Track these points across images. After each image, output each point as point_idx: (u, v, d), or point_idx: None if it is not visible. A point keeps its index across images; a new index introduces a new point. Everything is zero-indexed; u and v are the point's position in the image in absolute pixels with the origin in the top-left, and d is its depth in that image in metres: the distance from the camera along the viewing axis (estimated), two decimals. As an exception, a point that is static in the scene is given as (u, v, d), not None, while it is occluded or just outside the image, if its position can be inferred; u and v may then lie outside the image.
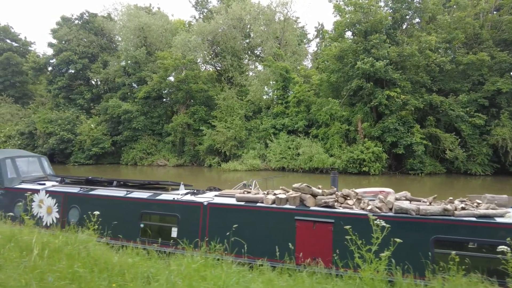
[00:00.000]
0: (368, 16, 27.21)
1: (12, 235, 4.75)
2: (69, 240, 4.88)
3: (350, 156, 26.96)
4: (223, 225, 6.27)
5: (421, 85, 27.76)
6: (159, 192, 7.27)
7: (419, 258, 5.09)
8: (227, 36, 36.58)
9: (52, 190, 8.03)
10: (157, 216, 6.91)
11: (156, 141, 37.13)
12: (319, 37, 48.70)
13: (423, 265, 4.99)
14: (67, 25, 40.87)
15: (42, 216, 7.98)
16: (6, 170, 8.85)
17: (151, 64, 37.92)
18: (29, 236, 4.83)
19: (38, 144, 37.46)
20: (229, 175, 29.71)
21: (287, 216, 5.91)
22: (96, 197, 7.51)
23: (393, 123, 26.13)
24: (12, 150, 10.63)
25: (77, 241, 4.73)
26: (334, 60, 29.03)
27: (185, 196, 6.96)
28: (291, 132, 31.37)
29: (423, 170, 27.00)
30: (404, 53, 26.11)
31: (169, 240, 6.53)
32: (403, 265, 4.92)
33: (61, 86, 40.52)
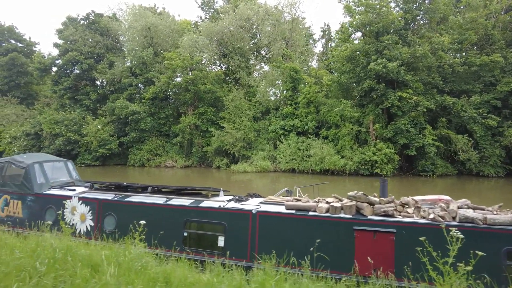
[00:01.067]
0: (380, 16, 27.00)
1: (68, 248, 4.49)
2: (125, 253, 4.63)
3: (361, 158, 26.76)
4: (273, 234, 6.04)
5: (433, 86, 27.58)
6: (201, 199, 7.03)
7: (490, 271, 4.86)
8: (234, 37, 36.36)
9: (85, 197, 7.78)
10: (202, 224, 6.67)
11: (163, 142, 36.88)
12: (325, 37, 48.54)
13: (495, 278, 4.76)
14: (73, 25, 40.57)
15: (75, 223, 7.73)
16: (35, 176, 8.61)
17: (158, 64, 37.66)
18: (85, 249, 4.58)
19: (44, 145, 37.18)
20: (239, 176, 29.48)
21: (344, 225, 5.68)
22: (134, 204, 7.25)
23: (405, 124, 25.94)
24: (38, 154, 10.36)
25: (138, 255, 4.47)
26: (344, 61, 28.84)
27: (229, 203, 6.72)
28: (301, 133, 31.14)
29: (435, 171, 26.81)
30: (416, 54, 25.91)
31: (215, 250, 6.30)
32: (472, 278, 4.70)
33: (67, 87, 40.22)
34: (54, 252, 4.17)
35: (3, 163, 9.14)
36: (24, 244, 4.76)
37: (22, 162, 8.79)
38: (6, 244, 4.49)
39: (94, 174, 32.23)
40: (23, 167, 8.65)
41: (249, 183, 27.19)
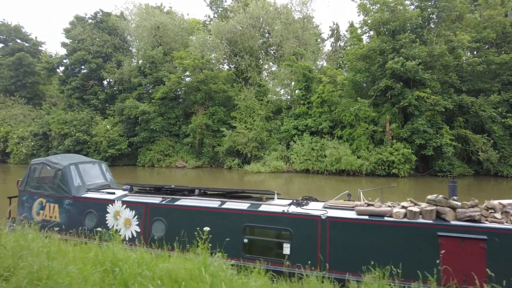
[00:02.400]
0: (396, 14, 26.58)
1: (142, 261, 4.05)
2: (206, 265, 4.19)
3: (378, 158, 26.34)
4: (345, 241, 5.63)
5: (450, 85, 27.16)
6: (258, 203, 6.60)
7: None
8: (245, 36, 35.94)
9: (130, 201, 7.35)
10: (264, 230, 6.24)
11: (173, 143, 36.46)
12: (333, 37, 48.11)
13: None
14: (81, 24, 40.17)
15: (118, 229, 7.30)
16: (72, 178, 8.18)
17: (168, 64, 37.24)
18: (163, 261, 4.14)
19: (53, 146, 36.80)
20: (252, 177, 29.07)
21: (427, 231, 5.26)
22: (185, 208, 6.82)
23: (422, 124, 25.52)
24: (71, 155, 9.93)
25: (220, 267, 4.05)
26: (359, 60, 28.43)
27: (290, 207, 6.30)
28: (314, 133, 30.72)
29: (452, 172, 26.38)
30: (434, 53, 25.50)
31: (280, 258, 5.87)
32: None
33: (75, 87, 39.81)
34: (133, 266, 3.74)
35: (38, 164, 8.72)
36: (86, 254, 4.33)
37: (57, 163, 8.37)
38: (74, 256, 4.06)
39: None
40: (59, 169, 8.22)
41: (263, 183, 26.78)
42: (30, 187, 8.68)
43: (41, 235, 5.21)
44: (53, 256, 3.75)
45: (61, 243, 4.76)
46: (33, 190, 8.58)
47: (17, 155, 39.30)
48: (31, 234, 4.55)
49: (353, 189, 25.01)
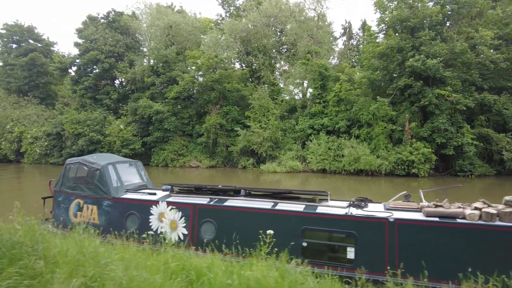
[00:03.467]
0: (415, 11, 26.08)
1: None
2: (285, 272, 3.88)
3: (398, 158, 25.88)
4: (415, 245, 5.29)
5: (470, 83, 26.59)
6: (314, 204, 6.29)
7: None
8: (258, 34, 35.62)
9: (176, 201, 7.06)
10: (326, 233, 5.92)
11: (186, 142, 36.26)
12: (346, 35, 47.59)
13: None
14: (93, 24, 40.16)
15: (163, 232, 7.02)
16: (110, 178, 7.92)
17: (181, 63, 37.06)
18: (245, 269, 3.82)
19: (66, 146, 36.83)
20: (267, 177, 28.76)
21: (509, 235, 4.90)
22: (237, 209, 6.52)
23: (443, 123, 25.00)
24: (106, 155, 9.70)
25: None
26: (376, 58, 27.98)
27: (351, 209, 5.97)
28: (331, 132, 30.30)
29: (473, 171, 25.84)
30: (455, 50, 24.96)
31: (343, 262, 5.56)
32: None
33: (87, 86, 39.81)
34: (220, 275, 3.43)
35: (74, 164, 8.48)
36: (160, 261, 4.04)
37: (94, 163, 8.12)
38: (151, 264, 3.76)
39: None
40: (97, 169, 7.97)
41: (279, 183, 26.46)
42: (66, 187, 8.46)
43: (103, 240, 4.93)
44: (131, 265, 3.45)
45: (127, 248, 4.47)
46: (70, 191, 8.36)
47: (31, 155, 39.43)
48: (97, 239, 4.27)
49: (372, 189, 24.67)
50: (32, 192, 22.68)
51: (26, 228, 3.78)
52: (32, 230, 3.92)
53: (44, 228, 5.15)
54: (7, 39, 46.04)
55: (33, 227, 3.98)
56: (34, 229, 3.94)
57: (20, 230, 3.68)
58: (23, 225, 3.86)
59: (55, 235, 4.15)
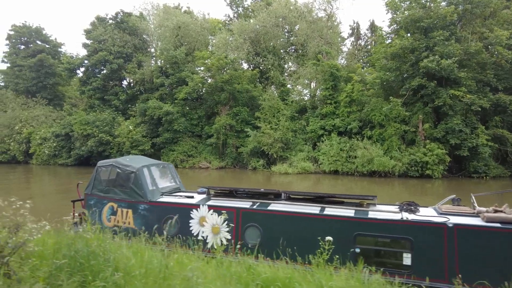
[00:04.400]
0: (429, 11, 25.88)
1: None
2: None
3: (411, 159, 25.68)
4: (476, 251, 5.12)
5: (485, 84, 26.35)
6: (364, 209, 6.13)
7: None
8: (268, 35, 35.49)
9: (218, 205, 6.91)
10: (380, 239, 5.76)
11: (196, 143, 36.18)
12: (353, 35, 47.35)
13: None
14: (102, 25, 40.14)
15: (204, 236, 6.88)
16: (146, 181, 7.78)
17: (190, 64, 36.99)
18: (325, 278, 3.66)
19: (75, 147, 36.78)
20: (279, 178, 28.61)
21: None
22: (283, 214, 6.36)
23: (458, 124, 24.78)
24: (137, 157, 9.57)
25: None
26: (389, 58, 27.80)
27: (403, 213, 5.81)
28: (342, 133, 30.12)
29: (488, 173, 25.61)
30: (470, 50, 24.75)
31: (399, 269, 5.40)
32: None
33: (96, 87, 39.83)
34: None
35: (105, 166, 8.35)
36: (228, 272, 3.88)
37: (129, 165, 7.98)
38: (218, 274, 3.60)
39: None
40: (132, 172, 7.83)
41: (291, 185, 26.29)
42: (98, 190, 8.32)
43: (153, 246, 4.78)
44: (207, 276, 3.30)
45: (189, 257, 4.31)
46: (102, 194, 8.22)
47: (40, 156, 39.42)
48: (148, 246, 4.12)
49: (386, 191, 24.43)
50: (47, 193, 22.65)
51: (96, 236, 3.63)
52: (99, 238, 3.77)
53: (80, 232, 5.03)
54: (15, 40, 46.15)
55: (100, 235, 3.83)
56: (100, 237, 3.80)
57: (94, 239, 3.54)
58: (92, 233, 3.72)
59: (119, 243, 4.00)
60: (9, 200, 3.41)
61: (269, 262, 4.88)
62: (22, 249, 2.92)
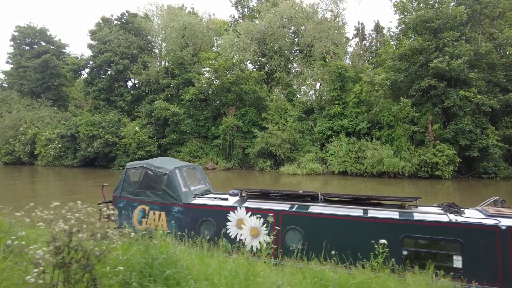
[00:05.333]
0: (438, 12, 25.88)
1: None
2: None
3: (421, 160, 25.65)
4: None
5: (494, 84, 26.35)
6: (408, 211, 6.06)
7: None
8: (275, 35, 35.45)
9: (257, 207, 6.84)
10: (428, 241, 5.69)
11: (202, 144, 36.11)
12: (358, 36, 47.35)
13: None
14: (107, 25, 40.07)
15: (243, 239, 6.80)
16: (179, 183, 7.70)
17: (196, 65, 36.93)
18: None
19: (81, 148, 36.65)
20: (287, 179, 28.54)
21: None
22: (326, 216, 6.29)
23: (468, 125, 24.77)
24: (167, 159, 9.47)
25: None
26: (398, 59, 27.80)
27: (450, 215, 5.75)
28: (351, 134, 30.09)
29: (498, 173, 25.60)
30: (480, 51, 24.74)
31: (449, 271, 5.33)
32: None
33: (101, 88, 39.72)
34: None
35: (135, 168, 8.26)
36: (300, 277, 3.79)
37: (161, 167, 7.90)
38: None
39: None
40: (165, 173, 7.74)
41: (300, 185, 26.22)
42: (128, 193, 8.22)
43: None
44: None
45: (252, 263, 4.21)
46: (132, 197, 8.12)
47: (45, 157, 39.29)
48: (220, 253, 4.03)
49: (396, 191, 24.32)
50: (54, 194, 22.48)
51: (165, 244, 3.54)
52: (165, 244, 3.68)
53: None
54: (19, 41, 46.04)
55: (166, 241, 3.74)
56: (167, 243, 3.70)
57: (164, 246, 3.45)
58: (160, 239, 3.63)
59: (188, 250, 3.90)
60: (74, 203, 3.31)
61: (337, 267, 4.81)
62: (105, 256, 2.84)
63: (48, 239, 2.67)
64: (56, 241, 2.55)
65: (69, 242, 2.59)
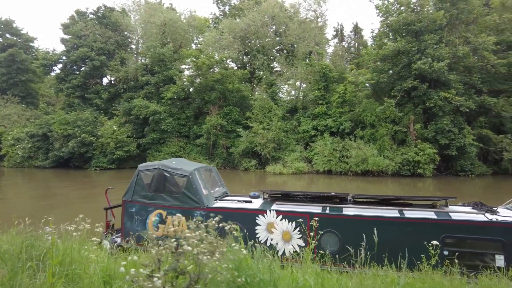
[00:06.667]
0: (419, 15, 26.78)
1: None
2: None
3: (404, 158, 26.46)
4: None
5: (470, 86, 27.67)
6: (445, 211, 6.07)
7: None
8: (258, 34, 35.26)
9: (288, 210, 6.61)
10: (469, 241, 5.71)
11: (184, 144, 35.26)
12: (337, 37, 48.21)
13: None
14: (82, 19, 38.13)
15: (274, 243, 6.54)
16: (200, 185, 7.32)
17: (177, 62, 35.99)
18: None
19: (54, 148, 34.64)
20: (273, 178, 28.46)
21: None
22: (362, 218, 6.17)
23: (447, 124, 25.86)
24: (181, 160, 8.98)
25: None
26: (381, 60, 28.51)
27: (486, 214, 5.82)
28: (334, 133, 30.52)
29: (473, 171, 26.90)
30: (458, 54, 25.87)
31: (491, 271, 5.38)
32: None
33: (75, 85, 37.75)
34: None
35: (149, 170, 7.74)
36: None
37: (179, 169, 7.46)
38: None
39: (113, 178, 30.30)
40: (184, 175, 7.31)
41: (285, 185, 26.26)
42: (141, 197, 7.69)
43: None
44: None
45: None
46: (147, 201, 7.61)
47: (13, 158, 36.80)
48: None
49: (380, 189, 24.89)
50: (25, 198, 20.98)
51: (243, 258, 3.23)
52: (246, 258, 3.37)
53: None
54: (-18, 34, 42.90)
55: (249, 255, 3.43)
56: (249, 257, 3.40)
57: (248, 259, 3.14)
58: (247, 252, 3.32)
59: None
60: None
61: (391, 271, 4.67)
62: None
63: (151, 263, 2.31)
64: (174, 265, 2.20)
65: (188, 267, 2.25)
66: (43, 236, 3.78)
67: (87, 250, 3.86)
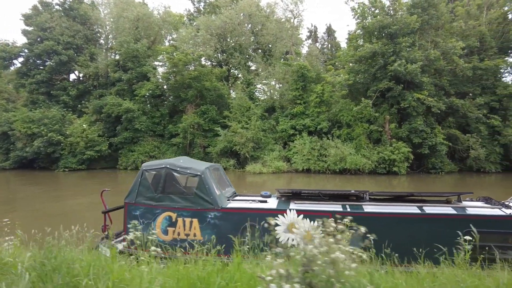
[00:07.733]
0: (394, 19, 27.80)
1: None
2: None
3: (380, 157, 27.34)
4: None
5: (440, 88, 29.14)
6: (462, 206, 6.21)
7: None
8: (235, 32, 34.93)
9: (310, 210, 6.45)
10: (490, 235, 5.87)
11: (158, 143, 34.15)
12: (311, 38, 49.04)
13: None
14: (47, 10, 35.75)
15: (296, 244, 6.36)
16: (213, 185, 6.98)
17: (151, 58, 34.79)
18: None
19: (16, 147, 32.26)
20: (254, 178, 28.34)
21: None
22: (385, 216, 6.16)
23: (420, 124, 27.05)
24: (189, 158, 8.50)
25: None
26: (357, 61, 29.28)
27: (503, 208, 6.03)
28: (312, 133, 30.93)
29: (443, 169, 28.36)
30: (430, 57, 27.13)
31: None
32: None
33: (40, 81, 35.33)
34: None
35: (156, 170, 7.26)
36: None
37: (189, 168, 7.05)
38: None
39: (84, 179, 28.73)
40: (195, 174, 6.92)
41: (266, 184, 26.24)
42: (146, 198, 7.18)
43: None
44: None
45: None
46: (153, 203, 7.14)
47: (-32, 159, 33.85)
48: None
49: (358, 187, 25.53)
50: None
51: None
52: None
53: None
54: None
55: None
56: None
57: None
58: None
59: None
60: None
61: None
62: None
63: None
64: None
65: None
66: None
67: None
